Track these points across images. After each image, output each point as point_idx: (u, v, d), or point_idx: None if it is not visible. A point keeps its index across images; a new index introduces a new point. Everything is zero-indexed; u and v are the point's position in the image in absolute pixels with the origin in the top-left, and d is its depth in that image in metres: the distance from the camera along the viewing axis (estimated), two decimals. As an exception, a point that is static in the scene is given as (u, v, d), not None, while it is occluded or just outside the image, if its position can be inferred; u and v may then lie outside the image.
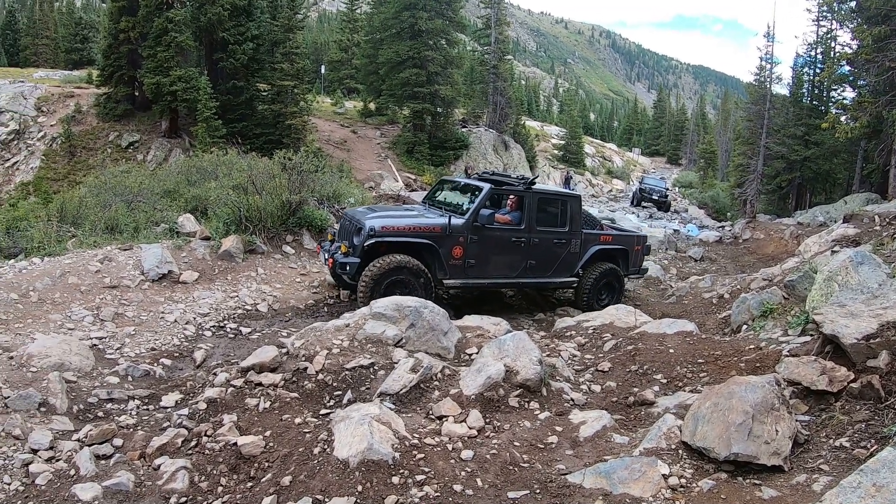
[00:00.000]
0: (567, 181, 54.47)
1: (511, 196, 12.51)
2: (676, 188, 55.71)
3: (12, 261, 11.83)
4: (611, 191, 64.04)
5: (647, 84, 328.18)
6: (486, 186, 12.04)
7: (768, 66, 37.65)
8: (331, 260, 11.43)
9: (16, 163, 34.66)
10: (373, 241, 10.86)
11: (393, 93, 44.13)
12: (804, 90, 38.20)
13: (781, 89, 38.84)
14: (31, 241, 12.74)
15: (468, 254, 11.65)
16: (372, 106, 50.08)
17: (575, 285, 13.29)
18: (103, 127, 37.28)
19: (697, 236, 28.98)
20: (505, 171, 12.99)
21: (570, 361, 8.72)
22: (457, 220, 11.52)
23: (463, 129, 47.93)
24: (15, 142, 35.58)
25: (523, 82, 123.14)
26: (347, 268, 11.01)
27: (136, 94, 38.22)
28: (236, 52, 36.22)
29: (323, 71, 61.07)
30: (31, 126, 36.57)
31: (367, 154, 41.78)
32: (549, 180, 56.08)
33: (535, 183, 12.57)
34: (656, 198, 45.80)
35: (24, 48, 72.74)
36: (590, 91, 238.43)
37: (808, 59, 37.98)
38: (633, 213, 40.97)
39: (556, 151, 65.94)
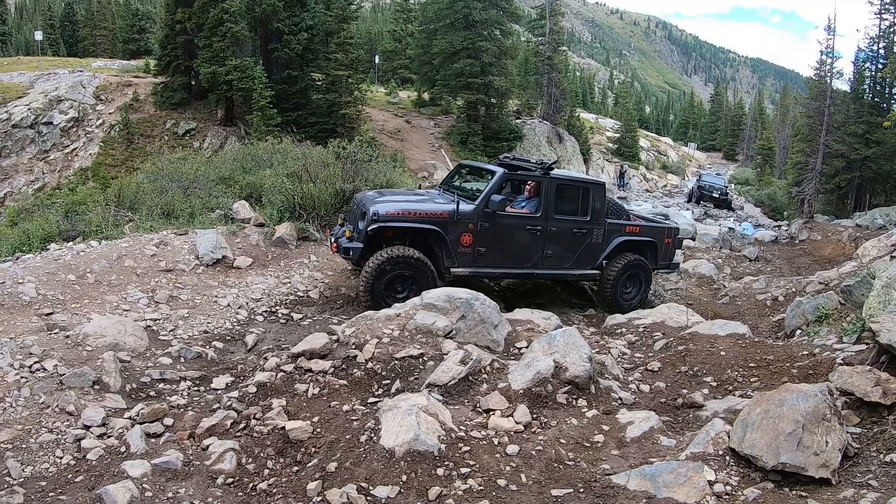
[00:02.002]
0: (621, 175, 53.96)
1: (529, 182, 11.99)
2: (732, 185, 54.65)
3: (71, 243, 12.09)
4: (665, 186, 63.12)
5: (703, 77, 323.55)
6: (499, 171, 11.54)
7: (829, 61, 36.54)
8: (335, 244, 11.30)
9: (75, 149, 35.42)
10: (376, 226, 10.55)
11: (447, 83, 43.97)
12: (866, 86, 37.07)
13: (842, 85, 37.61)
14: (90, 225, 12.95)
15: (478, 241, 11.15)
16: (426, 96, 50.03)
17: (597, 278, 12.60)
18: (160, 115, 37.96)
19: (753, 235, 28.47)
20: (543, 159, 12.45)
21: (619, 359, 8.62)
22: (466, 207, 11.07)
23: (517, 121, 47.63)
24: (74, 129, 36.35)
25: (578, 74, 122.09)
26: (350, 253, 10.84)
27: (193, 83, 38.82)
28: (291, 42, 36.54)
29: (377, 61, 61.23)
30: (90, 114, 37.36)
31: (420, 144, 41.81)
32: (603, 173, 55.52)
33: (553, 168, 11.89)
34: (716, 195, 43.99)
35: (82, 39, 74.74)
36: (645, 83, 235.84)
37: (870, 53, 36.82)
38: (688, 209, 40.25)
39: (610, 144, 65.22)
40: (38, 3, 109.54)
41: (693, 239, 23.75)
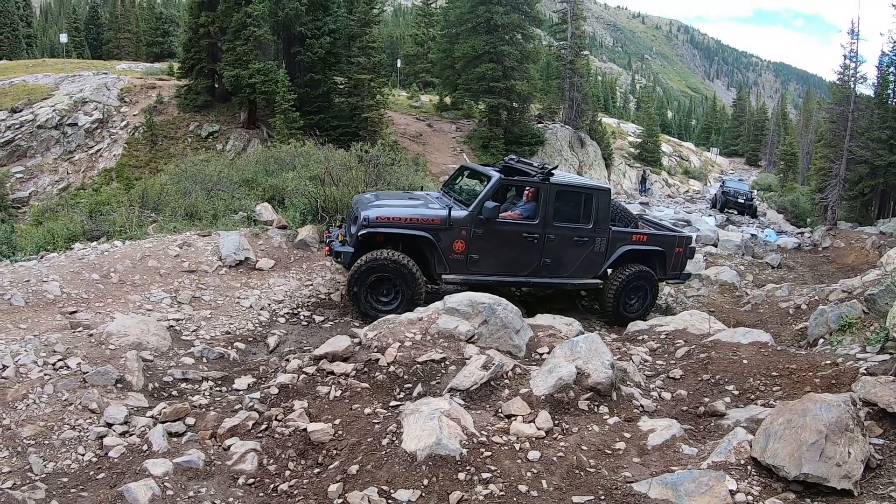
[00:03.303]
0: (643, 180, 53.69)
1: (529, 187, 11.56)
2: (755, 191, 54.03)
3: (95, 243, 12.18)
4: (687, 191, 62.79)
5: (726, 81, 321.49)
6: (496, 176, 11.19)
7: (852, 65, 36.08)
8: (327, 248, 11.20)
9: (99, 150, 35.73)
10: (365, 231, 10.39)
11: (469, 87, 44.04)
12: (890, 91, 36.59)
13: (866, 90, 37.05)
14: (114, 225, 13.05)
15: (471, 248, 10.84)
16: (448, 100, 50.09)
17: (599, 288, 12.09)
18: (184, 117, 38.31)
19: (775, 242, 28.15)
20: (549, 166, 12.06)
21: (640, 366, 8.55)
22: (458, 213, 10.76)
23: (539, 125, 47.66)
24: (99, 130, 36.68)
25: (599, 78, 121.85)
26: (341, 257, 10.71)
27: (216, 85, 39.11)
28: (313, 45, 36.79)
29: (399, 65, 61.35)
30: (114, 115, 37.70)
31: (442, 148, 41.88)
32: (625, 178, 55.37)
33: (552, 174, 11.30)
34: (741, 201, 42.90)
35: (106, 41, 75.50)
36: (667, 88, 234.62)
37: (894, 58, 36.42)
38: (710, 215, 39.89)
39: (632, 149, 64.90)
40: (63, 6, 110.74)
41: (715, 245, 23.58)
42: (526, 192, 11.73)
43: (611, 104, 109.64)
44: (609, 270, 12.00)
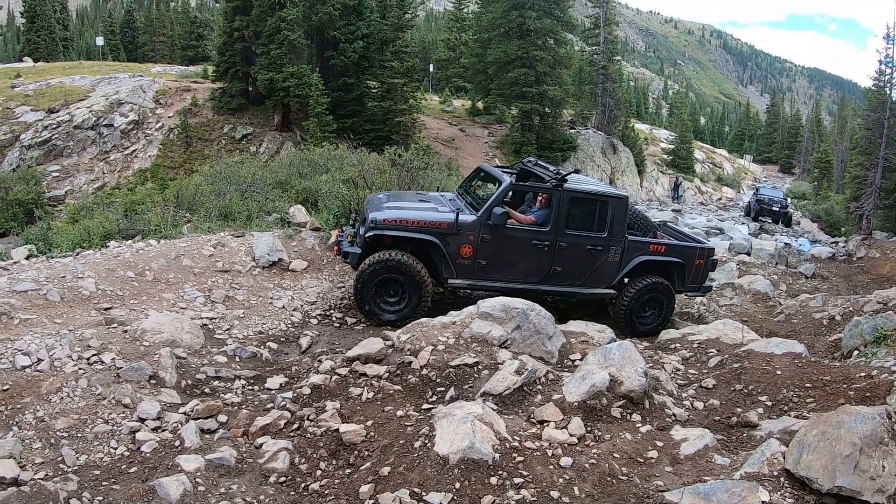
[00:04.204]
0: (676, 187, 53.28)
1: (542, 193, 11.27)
2: (789, 199, 53.12)
3: (130, 241, 12.37)
4: (720, 199, 62.14)
5: (759, 87, 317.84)
6: (506, 182, 10.97)
7: (888, 71, 35.38)
8: (336, 247, 11.15)
9: (134, 151, 36.22)
10: (372, 233, 10.31)
11: (501, 92, 44.01)
12: (925, 97, 35.96)
13: (903, 96, 36.46)
14: (149, 224, 13.22)
15: (479, 254, 10.64)
16: (480, 105, 50.11)
17: (612, 298, 11.76)
18: (218, 119, 38.77)
19: (809, 251, 27.78)
20: (561, 168, 11.74)
21: (673, 375, 8.46)
22: (466, 217, 10.60)
23: (571, 131, 47.42)
24: (134, 131, 37.22)
25: (632, 83, 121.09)
26: (349, 257, 10.70)
27: (250, 89, 39.53)
28: (347, 50, 37.06)
29: (431, 69, 61.48)
30: (149, 117, 38.23)
31: (474, 153, 41.84)
32: (657, 185, 55.00)
33: (566, 180, 10.98)
34: (776, 209, 41.75)
35: (142, 45, 76.78)
36: (700, 93, 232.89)
37: (930, 63, 35.68)
38: (744, 223, 39.43)
39: (664, 156, 64.45)
40: (99, 10, 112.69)
41: (748, 254, 23.34)
42: (539, 197, 11.47)
43: (643, 110, 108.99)
44: (624, 281, 11.69)
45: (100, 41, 59.07)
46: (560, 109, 45.27)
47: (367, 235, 10.34)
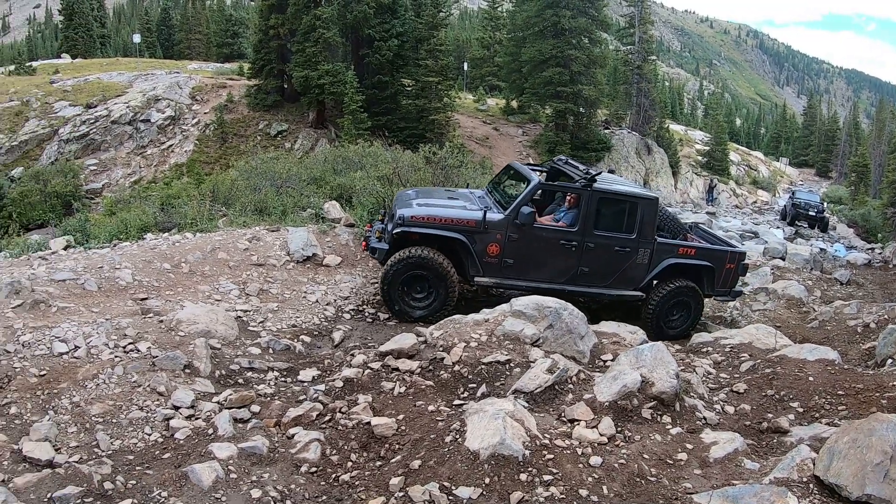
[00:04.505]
0: (711, 189, 52.75)
1: (570, 192, 11.17)
2: (825, 204, 52.02)
3: (166, 234, 12.53)
4: (755, 202, 61.47)
5: (796, 88, 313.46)
6: (534, 181, 10.92)
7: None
8: (364, 242, 11.17)
9: (171, 146, 36.69)
10: (400, 230, 10.28)
11: (536, 91, 43.89)
12: (967, 100, 35.22)
13: (942, 98, 35.73)
14: (185, 218, 13.39)
15: (506, 252, 10.56)
16: (514, 104, 50.05)
17: (640, 300, 11.58)
18: (253, 116, 39.15)
19: (844, 257, 27.38)
20: (597, 169, 11.55)
21: (704, 378, 8.40)
22: (494, 216, 10.51)
23: (605, 131, 47.19)
24: (171, 127, 37.71)
25: (667, 84, 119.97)
26: (376, 253, 10.68)
27: (285, 86, 39.88)
28: (382, 48, 37.24)
29: (465, 68, 61.48)
30: (185, 113, 38.71)
31: (508, 152, 41.77)
32: (692, 187, 54.57)
33: (595, 180, 10.82)
34: (812, 214, 40.88)
35: (178, 42, 77.92)
36: (736, 94, 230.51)
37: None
38: (779, 227, 38.89)
39: (699, 157, 63.88)
40: (136, 8, 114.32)
41: (783, 259, 23.06)
42: (568, 197, 11.36)
43: (678, 110, 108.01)
44: (653, 283, 11.51)
45: (137, 38, 59.68)
46: (594, 109, 45.05)
47: (394, 232, 10.35)
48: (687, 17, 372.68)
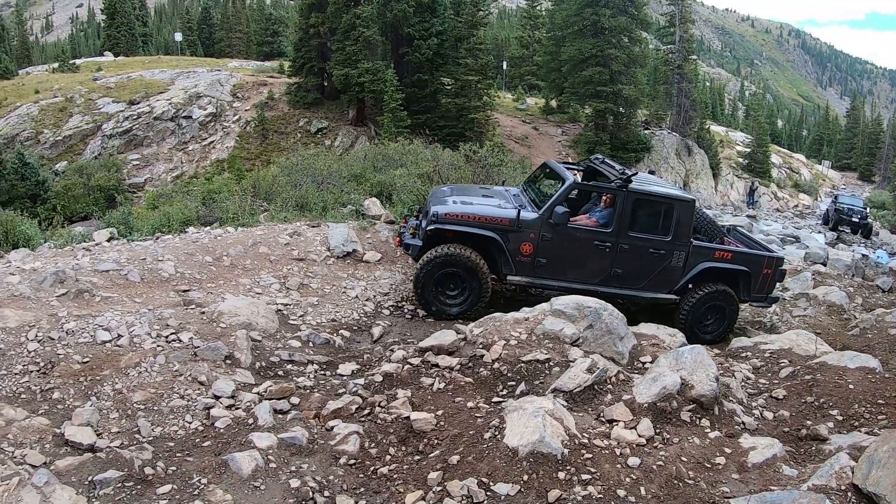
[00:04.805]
0: (752, 192, 52.12)
1: (606, 193, 10.95)
2: (868, 209, 50.67)
3: (208, 228, 12.67)
4: (796, 206, 60.58)
5: (839, 90, 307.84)
6: (569, 180, 10.71)
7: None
8: (398, 238, 11.12)
9: (212, 142, 37.23)
10: (434, 227, 10.18)
11: (575, 91, 43.70)
12: None
13: None
14: (226, 212, 13.54)
15: (539, 252, 10.40)
16: (553, 103, 49.92)
17: (673, 304, 11.25)
18: (293, 113, 39.61)
19: (887, 264, 26.86)
20: (641, 171, 11.34)
21: (743, 383, 8.30)
22: (528, 215, 10.35)
23: (645, 131, 46.87)
24: (212, 123, 38.31)
25: (707, 84, 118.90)
26: (410, 249, 10.62)
27: (325, 84, 40.27)
28: (421, 46, 37.45)
29: (504, 67, 61.41)
30: (226, 110, 39.28)
31: (547, 151, 41.66)
32: (732, 189, 54.02)
33: (631, 180, 10.57)
34: (856, 219, 39.54)
35: (218, 40, 79.28)
36: (777, 95, 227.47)
37: None
38: (820, 232, 38.24)
39: (740, 159, 63.18)
40: (177, 7, 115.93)
41: (824, 264, 22.71)
42: (604, 197, 11.12)
43: (719, 111, 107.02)
44: (688, 287, 11.24)
45: (178, 37, 60.65)
46: (634, 109, 44.80)
47: (428, 229, 10.29)
48: (727, 15, 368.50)
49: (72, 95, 39.08)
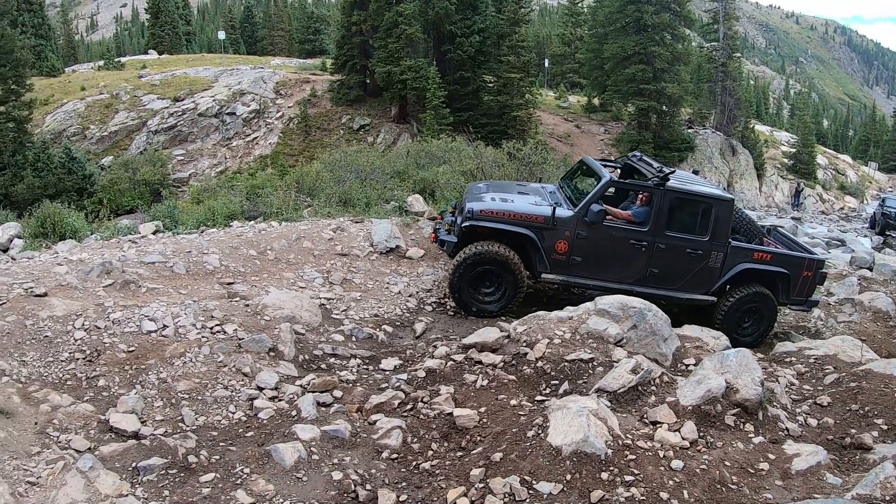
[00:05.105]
0: (798, 193, 51.26)
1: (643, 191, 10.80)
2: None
3: (252, 222, 12.80)
4: (842, 208, 59.37)
5: (886, 88, 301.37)
6: (605, 178, 10.48)
7: None
8: (434, 234, 11.05)
9: (255, 138, 37.68)
10: (468, 223, 10.08)
11: (618, 89, 43.34)
12: None
13: None
14: (271, 207, 13.66)
15: (574, 250, 10.25)
16: (596, 101, 49.61)
17: (710, 305, 11.00)
18: (336, 110, 39.95)
19: (933, 270, 26.23)
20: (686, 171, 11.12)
21: (787, 389, 8.18)
22: (563, 212, 10.22)
23: (689, 130, 46.32)
24: (255, 120, 38.78)
25: (752, 82, 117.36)
26: (445, 245, 10.54)
27: (368, 81, 40.53)
28: (463, 44, 37.53)
29: (546, 64, 61.17)
30: (270, 107, 39.70)
31: (589, 150, 41.38)
32: (777, 191, 53.21)
33: (668, 178, 10.37)
34: None
35: (260, 39, 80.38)
36: (823, 94, 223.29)
37: None
38: (866, 236, 37.41)
39: (785, 160, 62.20)
40: (219, 6, 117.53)
41: (870, 269, 22.26)
42: (640, 195, 10.99)
43: (763, 110, 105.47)
44: (726, 288, 11.03)
45: (221, 35, 61.49)
46: (678, 108, 44.28)
47: (463, 225, 10.21)
48: (771, 12, 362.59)
49: (117, 92, 39.74)
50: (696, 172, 12.71)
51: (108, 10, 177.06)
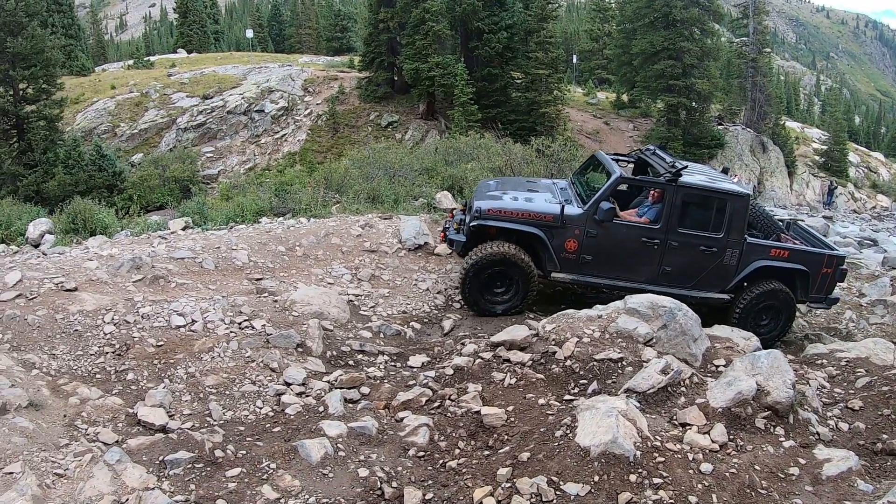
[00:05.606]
0: (831, 191, 50.61)
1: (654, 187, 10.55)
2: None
3: (281, 218, 12.84)
4: (874, 207, 58.51)
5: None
6: (616, 174, 10.24)
7: None
8: (443, 233, 10.90)
9: (284, 135, 37.87)
10: (477, 223, 9.93)
11: (647, 85, 43.04)
12: None
13: None
14: (299, 203, 13.70)
15: (584, 248, 10.05)
16: (625, 98, 49.36)
17: (726, 304, 10.70)
18: (364, 107, 40.13)
19: (965, 272, 25.78)
20: (713, 168, 10.78)
21: (818, 392, 8.04)
22: (572, 210, 10.02)
23: (719, 127, 45.92)
24: (284, 117, 38.98)
25: (782, 78, 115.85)
26: (454, 245, 10.41)
27: (395, 78, 40.65)
28: (491, 40, 37.52)
29: (574, 61, 60.91)
30: (298, 104, 39.89)
31: (618, 147, 41.01)
32: (808, 189, 52.53)
33: (680, 174, 10.09)
34: None
35: (288, 37, 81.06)
36: (854, 90, 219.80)
37: None
38: (898, 235, 36.80)
39: (816, 157, 61.40)
40: (247, 5, 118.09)
41: (903, 269, 21.88)
42: (652, 192, 10.70)
43: (794, 106, 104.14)
44: (744, 285, 10.73)
45: (249, 33, 62.05)
46: (707, 104, 43.91)
47: (471, 225, 10.07)
48: (802, 6, 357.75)
49: (147, 91, 40.08)
50: (725, 171, 12.47)
51: (137, 10, 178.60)
